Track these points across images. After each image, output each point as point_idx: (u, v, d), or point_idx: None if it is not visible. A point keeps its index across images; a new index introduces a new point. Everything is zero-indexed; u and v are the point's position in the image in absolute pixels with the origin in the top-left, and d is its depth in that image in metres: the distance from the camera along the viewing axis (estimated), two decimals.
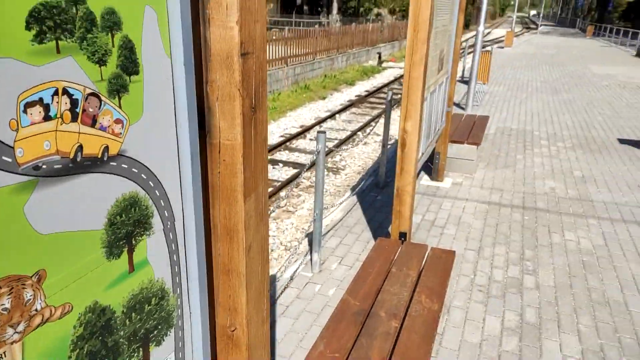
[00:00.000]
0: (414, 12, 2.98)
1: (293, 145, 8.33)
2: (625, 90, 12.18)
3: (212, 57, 0.96)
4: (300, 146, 8.32)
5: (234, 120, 0.99)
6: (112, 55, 0.73)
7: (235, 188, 1.03)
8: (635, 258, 3.87)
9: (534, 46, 26.25)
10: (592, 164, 6.13)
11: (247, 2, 0.95)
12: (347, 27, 19.77)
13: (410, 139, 3.17)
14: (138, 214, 0.83)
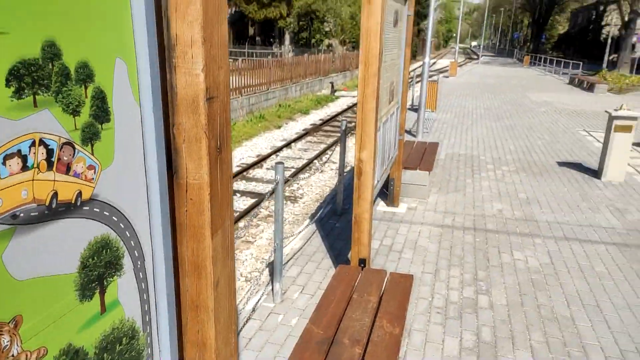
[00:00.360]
0: (365, 49, 3.15)
1: (250, 175, 8.33)
2: (561, 115, 13.10)
3: (179, 102, 1.01)
4: (258, 175, 8.34)
5: (201, 160, 1.03)
6: (85, 106, 0.77)
7: (203, 225, 1.07)
8: (579, 274, 4.13)
9: (477, 75, 27.83)
10: (535, 186, 6.52)
11: (212, 51, 1.02)
12: (300, 57, 20.23)
13: (366, 168, 3.29)
14: (109, 256, 0.85)
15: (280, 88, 17.02)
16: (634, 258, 4.44)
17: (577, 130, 10.89)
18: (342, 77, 25.49)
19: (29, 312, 0.69)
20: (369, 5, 3.06)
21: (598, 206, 5.80)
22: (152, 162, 0.95)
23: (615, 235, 4.97)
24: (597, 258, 4.43)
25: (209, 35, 1.00)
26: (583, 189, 6.47)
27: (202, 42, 0.98)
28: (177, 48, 0.99)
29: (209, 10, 0.99)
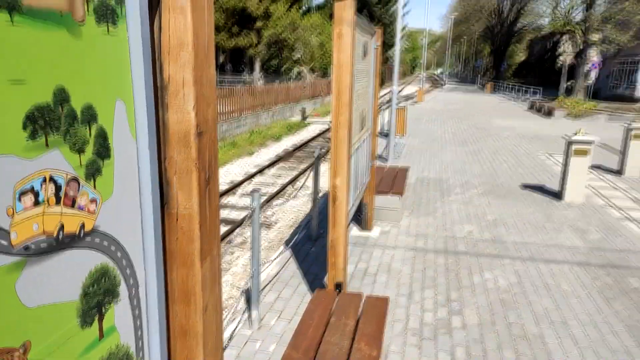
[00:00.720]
0: (337, 80, 3.29)
1: (224, 202, 8.31)
2: (523, 140, 13.68)
3: (170, 137, 1.08)
4: (231, 202, 8.33)
5: (191, 191, 1.10)
6: (89, 144, 0.83)
7: (193, 253, 1.13)
8: (546, 293, 4.29)
9: (442, 102, 28.79)
10: (501, 208, 6.77)
11: (202, 90, 1.10)
12: (271, 85, 20.50)
13: (340, 194, 3.38)
14: (108, 284, 0.90)
15: (252, 115, 17.15)
16: (596, 276, 4.66)
17: (539, 154, 11.39)
18: (313, 103, 25.89)
19: (36, 338, 0.73)
20: (339, 41, 3.22)
21: (561, 227, 6.07)
22: (147, 194, 1.01)
23: (578, 254, 5.20)
24: (562, 276, 4.63)
25: (199, 77, 1.08)
26: (546, 210, 6.76)
27: (193, 82, 1.06)
28: (169, 88, 1.07)
29: (200, 54, 1.08)
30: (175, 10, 1.04)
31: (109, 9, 0.87)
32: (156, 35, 1.05)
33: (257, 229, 3.24)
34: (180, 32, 1.04)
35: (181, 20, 1.04)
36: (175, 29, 1.04)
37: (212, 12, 1.12)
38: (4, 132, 0.66)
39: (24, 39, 0.69)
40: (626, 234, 5.83)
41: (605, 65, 35.17)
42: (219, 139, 13.76)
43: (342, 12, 3.19)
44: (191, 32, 1.04)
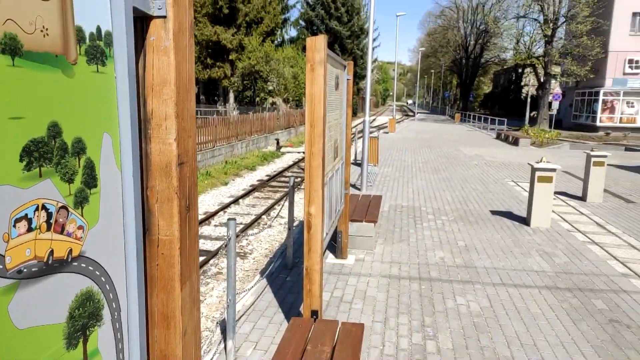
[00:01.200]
0: (310, 111, 3.41)
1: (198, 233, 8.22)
2: (491, 167, 14.14)
3: (153, 167, 1.15)
4: (206, 233, 8.26)
5: (172, 218, 1.16)
6: (78, 174, 0.89)
7: (173, 277, 1.18)
8: (516, 316, 4.41)
9: (413, 131, 29.53)
10: (472, 234, 6.95)
11: (183, 122, 1.17)
12: (246, 115, 20.65)
13: (315, 221, 3.46)
14: (92, 307, 0.94)
15: (227, 145, 17.18)
16: (564, 298, 4.81)
17: (506, 181, 11.78)
18: (287, 133, 26.14)
19: (26, 358, 0.77)
20: (312, 73, 3.36)
21: (529, 251, 6.27)
22: (130, 222, 1.06)
23: (546, 277, 5.37)
24: (532, 300, 4.76)
25: (180, 111, 1.16)
26: (515, 235, 6.98)
27: (175, 116, 1.14)
28: (152, 121, 1.14)
29: (181, 90, 1.16)
30: (159, 51, 1.12)
31: (99, 50, 0.95)
32: (140, 74, 1.13)
33: (233, 257, 3.27)
34: (163, 70, 1.12)
35: (165, 60, 1.12)
36: (159, 67, 1.12)
37: (193, 51, 1.21)
38: (2, 163, 0.72)
39: (23, 79, 0.76)
40: (591, 258, 6.06)
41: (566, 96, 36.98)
42: None
43: (314, 47, 3.34)
44: (174, 70, 1.12)
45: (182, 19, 1.15)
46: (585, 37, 30.42)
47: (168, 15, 1.11)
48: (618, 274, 5.48)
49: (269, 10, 32.72)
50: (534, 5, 33.92)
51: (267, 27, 32.78)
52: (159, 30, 1.11)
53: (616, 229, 7.51)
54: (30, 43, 0.77)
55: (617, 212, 8.63)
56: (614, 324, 4.25)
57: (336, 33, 41.74)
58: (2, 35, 0.71)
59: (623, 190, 10.92)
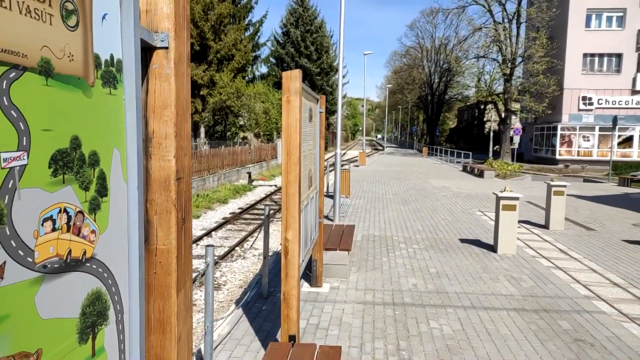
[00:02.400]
0: (286, 140, 3.57)
1: None
2: (459, 198, 14.57)
3: (152, 182, 1.26)
4: None
5: (170, 229, 1.26)
6: (92, 184, 1.00)
7: (170, 285, 1.26)
8: (487, 338, 4.54)
9: (383, 164, 30.16)
10: (442, 261, 7.14)
11: (180, 142, 1.29)
12: (217, 149, 20.70)
13: (292, 247, 3.55)
14: (100, 306, 1.02)
15: (198, 178, 17.11)
16: (531, 320, 5.00)
17: (474, 211, 12.16)
18: (259, 167, 26.24)
19: (46, 348, 0.85)
20: (288, 105, 3.54)
21: (497, 276, 6.48)
22: (133, 231, 1.16)
23: (514, 301, 5.56)
24: (501, 322, 4.92)
25: (179, 131, 1.28)
26: (483, 262, 7.20)
27: (174, 135, 1.26)
28: (153, 140, 1.26)
29: (179, 112, 1.28)
30: (161, 78, 1.25)
31: (112, 75, 1.07)
32: (143, 97, 1.25)
33: (211, 284, 3.30)
34: (164, 95, 1.25)
35: (166, 86, 1.25)
36: (160, 92, 1.25)
37: (189, 77, 1.34)
38: (36, 169, 0.82)
39: (53, 97, 0.87)
40: (555, 282, 6.32)
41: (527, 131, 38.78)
42: None
43: (290, 80, 3.53)
44: (174, 95, 1.25)
45: (182, 50, 1.29)
46: (542, 76, 32.32)
47: (170, 46, 1.24)
48: (581, 296, 5.73)
49: (240, 47, 33.36)
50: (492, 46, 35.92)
51: (238, 64, 33.31)
52: (161, 59, 1.25)
53: (578, 254, 7.86)
54: (59, 66, 0.89)
55: (579, 239, 9.04)
56: (579, 342, 4.44)
57: (306, 70, 42.80)
58: (40, 59, 0.83)
59: (583, 218, 11.46)
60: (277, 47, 44.10)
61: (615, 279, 6.45)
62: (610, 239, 9.14)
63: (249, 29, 36.08)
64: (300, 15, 43.83)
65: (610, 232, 9.84)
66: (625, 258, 7.64)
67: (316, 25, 44.42)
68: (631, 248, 8.37)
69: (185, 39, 1.32)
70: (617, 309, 5.31)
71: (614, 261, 7.43)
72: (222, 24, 32.34)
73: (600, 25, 33.45)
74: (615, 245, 8.61)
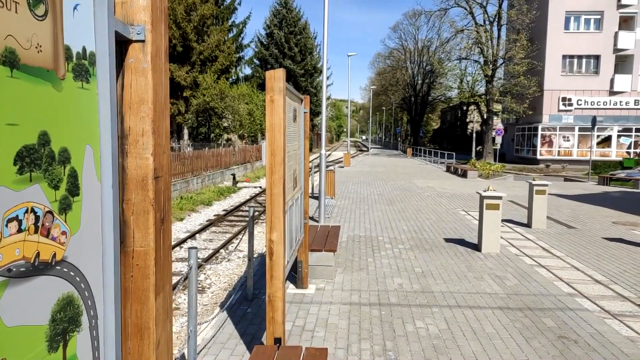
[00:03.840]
0: (271, 140, 3.52)
1: None
2: (443, 198, 14.68)
3: (129, 181, 1.20)
4: None
5: (147, 230, 1.21)
6: (63, 182, 0.94)
7: (148, 288, 1.21)
8: (473, 337, 4.56)
9: (368, 165, 30.25)
10: (427, 261, 7.16)
11: (158, 139, 1.24)
12: (201, 151, 20.49)
13: (277, 248, 3.50)
14: (72, 312, 0.97)
15: (181, 181, 16.91)
16: (516, 318, 5.03)
17: (458, 211, 12.25)
18: (243, 169, 26.07)
19: (11, 357, 0.79)
20: (272, 104, 3.49)
21: (482, 275, 6.52)
22: (108, 232, 1.10)
23: (498, 299, 5.60)
24: (486, 321, 4.94)
25: (157, 127, 1.23)
26: (468, 261, 7.25)
27: (151, 132, 1.21)
28: (129, 137, 1.20)
29: (157, 108, 1.23)
30: (137, 72, 1.20)
31: (84, 68, 1.02)
32: (119, 92, 1.20)
33: (195, 287, 3.24)
34: (141, 90, 1.20)
35: (142, 81, 1.20)
36: (136, 87, 1.20)
37: (168, 73, 1.29)
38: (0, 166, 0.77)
39: (19, 90, 0.82)
40: (538, 279, 6.38)
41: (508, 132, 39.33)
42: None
43: (273, 79, 3.49)
44: (151, 90, 1.20)
45: (159, 44, 1.24)
46: (522, 77, 32.83)
47: (146, 39, 1.19)
48: (564, 294, 5.80)
49: (224, 49, 33.14)
50: (474, 48, 36.37)
51: (222, 65, 33.09)
52: (137, 53, 1.20)
53: (560, 252, 7.96)
54: (26, 57, 0.83)
55: (561, 238, 9.17)
56: (563, 340, 4.48)
57: (290, 71, 42.73)
58: (4, 49, 0.78)
59: (565, 217, 11.63)
60: (261, 48, 43.95)
61: (597, 276, 6.55)
62: (591, 237, 9.29)
63: (232, 30, 35.88)
64: (284, 17, 43.76)
65: (591, 230, 10.01)
66: (606, 255, 7.76)
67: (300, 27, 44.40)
68: (611, 246, 8.52)
69: (163, 32, 1.27)
70: (600, 306, 5.39)
71: (596, 259, 7.55)
72: (205, 25, 32.09)
73: (579, 27, 34.14)
74: (596, 243, 8.75)
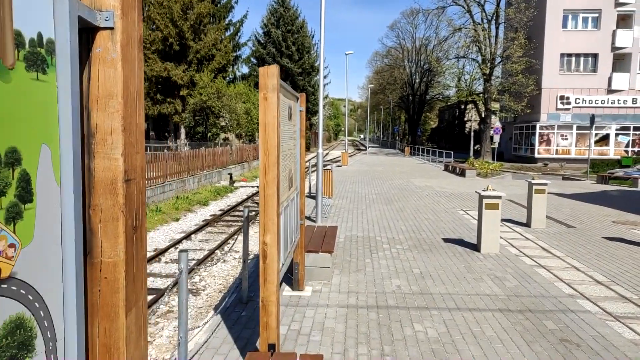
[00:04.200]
0: (264, 139, 3.40)
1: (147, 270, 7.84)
2: (441, 197, 14.57)
3: (96, 184, 1.08)
4: (155, 270, 7.88)
5: (117, 239, 1.08)
6: (11, 187, 0.82)
7: (117, 304, 1.09)
8: (473, 340, 4.44)
9: (366, 164, 30.14)
10: (426, 262, 7.05)
11: (130, 138, 1.12)
12: (198, 150, 20.35)
13: (271, 251, 3.38)
14: (23, 336, 0.85)
15: (178, 180, 16.77)
16: (516, 321, 4.92)
17: (456, 210, 12.15)
18: (241, 168, 25.94)
19: None
20: (265, 102, 3.37)
21: (481, 276, 6.41)
22: (69, 242, 0.98)
23: (499, 301, 5.49)
24: (486, 323, 4.83)
25: (128, 124, 1.11)
26: (467, 261, 7.14)
27: (121, 130, 1.08)
28: (97, 136, 1.08)
29: (129, 103, 1.11)
30: (105, 63, 1.08)
31: (39, 57, 0.89)
32: (85, 86, 1.07)
33: (185, 292, 3.11)
34: (110, 82, 1.08)
35: (111, 72, 1.07)
36: (104, 80, 1.08)
37: (142, 63, 1.17)
38: None
39: None
40: (538, 280, 6.28)
41: (506, 130, 39.28)
42: None
43: (267, 76, 3.37)
44: (121, 83, 1.08)
45: (131, 32, 1.11)
46: (520, 76, 32.75)
47: (116, 27, 1.07)
48: (565, 295, 5.69)
49: (221, 47, 32.97)
50: (472, 46, 36.28)
51: (219, 64, 32.92)
52: (105, 42, 1.07)
53: (560, 252, 7.86)
54: None
55: (560, 237, 9.07)
56: (565, 343, 4.37)
57: (288, 70, 42.57)
58: None
59: (564, 216, 11.54)
60: (258, 47, 43.76)
61: (598, 277, 6.45)
62: (591, 236, 9.20)
63: (229, 28, 35.72)
64: (282, 15, 43.58)
65: (591, 229, 9.91)
66: (606, 255, 7.67)
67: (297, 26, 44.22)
68: (612, 245, 8.43)
69: (136, 19, 1.15)
70: (602, 308, 5.28)
71: (596, 259, 7.45)
72: (201, 23, 31.93)
73: (577, 26, 34.07)
74: (596, 242, 8.65)
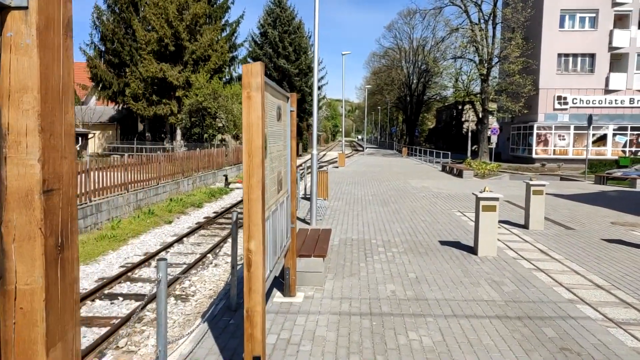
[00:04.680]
0: (247, 140, 3.22)
1: (136, 275, 7.65)
2: (438, 199, 14.41)
3: (8, 196, 0.89)
4: (145, 275, 7.69)
5: (35, 261, 0.90)
6: None
7: (36, 339, 0.90)
8: (469, 349, 4.26)
9: (363, 165, 29.99)
10: (422, 266, 6.87)
11: (52, 140, 0.93)
12: (192, 152, 20.14)
13: (256, 258, 3.20)
14: None
15: (172, 182, 16.56)
16: (514, 328, 4.74)
17: (453, 212, 11.98)
18: (236, 169, 25.73)
19: None
20: (249, 101, 3.19)
21: (478, 280, 6.23)
22: None
23: (496, 307, 5.31)
24: (483, 331, 4.65)
25: (48, 124, 0.92)
26: (463, 265, 6.96)
27: (39, 130, 0.90)
28: (8, 137, 0.89)
29: (49, 98, 0.92)
30: (18, 49, 0.89)
31: None
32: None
33: (164, 302, 2.93)
34: (23, 74, 0.89)
35: (25, 61, 0.89)
36: (17, 70, 0.89)
37: (70, 50, 0.98)
38: None
39: None
40: (537, 285, 6.10)
41: (504, 131, 39.18)
42: (134, 207, 12.99)
43: (250, 75, 3.19)
44: (37, 74, 0.89)
45: (51, 13, 0.93)
46: (518, 76, 32.64)
47: (30, 6, 0.88)
48: (565, 300, 5.52)
49: (217, 48, 32.78)
50: (469, 47, 36.17)
51: (215, 65, 32.72)
52: (18, 24, 0.89)
53: (559, 255, 7.69)
54: None
55: (559, 239, 8.91)
56: (565, 352, 4.20)
57: (285, 71, 42.38)
58: None
59: (562, 217, 11.38)
60: (255, 47, 43.56)
61: (598, 281, 6.28)
62: (590, 238, 9.04)
63: (225, 29, 35.52)
64: (278, 16, 43.38)
65: (590, 231, 9.76)
66: (606, 258, 7.51)
67: (294, 26, 44.02)
68: (611, 247, 8.27)
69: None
70: (602, 314, 5.11)
71: (595, 261, 7.28)
72: (197, 24, 31.74)
73: (574, 25, 34.00)
74: (595, 244, 8.50)
